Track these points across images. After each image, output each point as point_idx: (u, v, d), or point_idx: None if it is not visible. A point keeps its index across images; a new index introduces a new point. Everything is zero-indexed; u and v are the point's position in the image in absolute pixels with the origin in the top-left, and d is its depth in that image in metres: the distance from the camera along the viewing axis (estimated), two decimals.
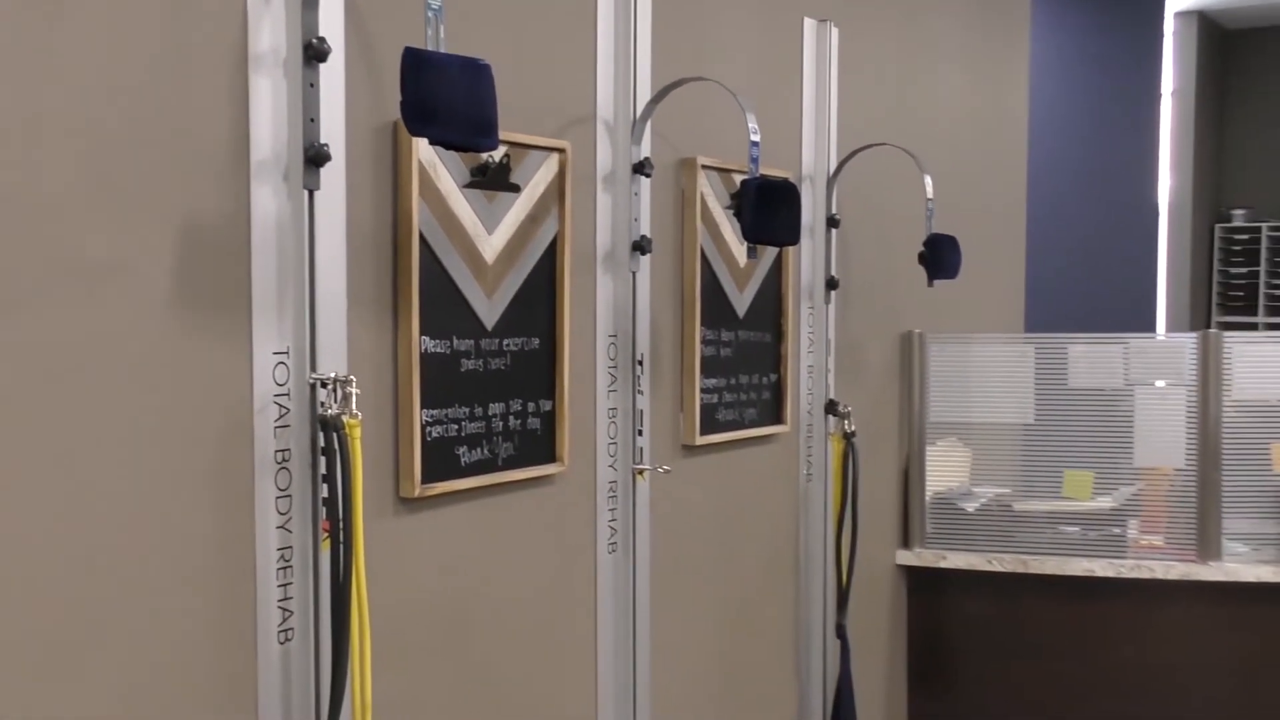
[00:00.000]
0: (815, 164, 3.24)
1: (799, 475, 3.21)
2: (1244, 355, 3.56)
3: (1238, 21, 7.86)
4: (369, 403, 1.91)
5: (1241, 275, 7.79)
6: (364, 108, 1.90)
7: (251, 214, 1.71)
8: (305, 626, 1.80)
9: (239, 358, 1.71)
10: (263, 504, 1.74)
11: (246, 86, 1.69)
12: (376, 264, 1.96)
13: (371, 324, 1.95)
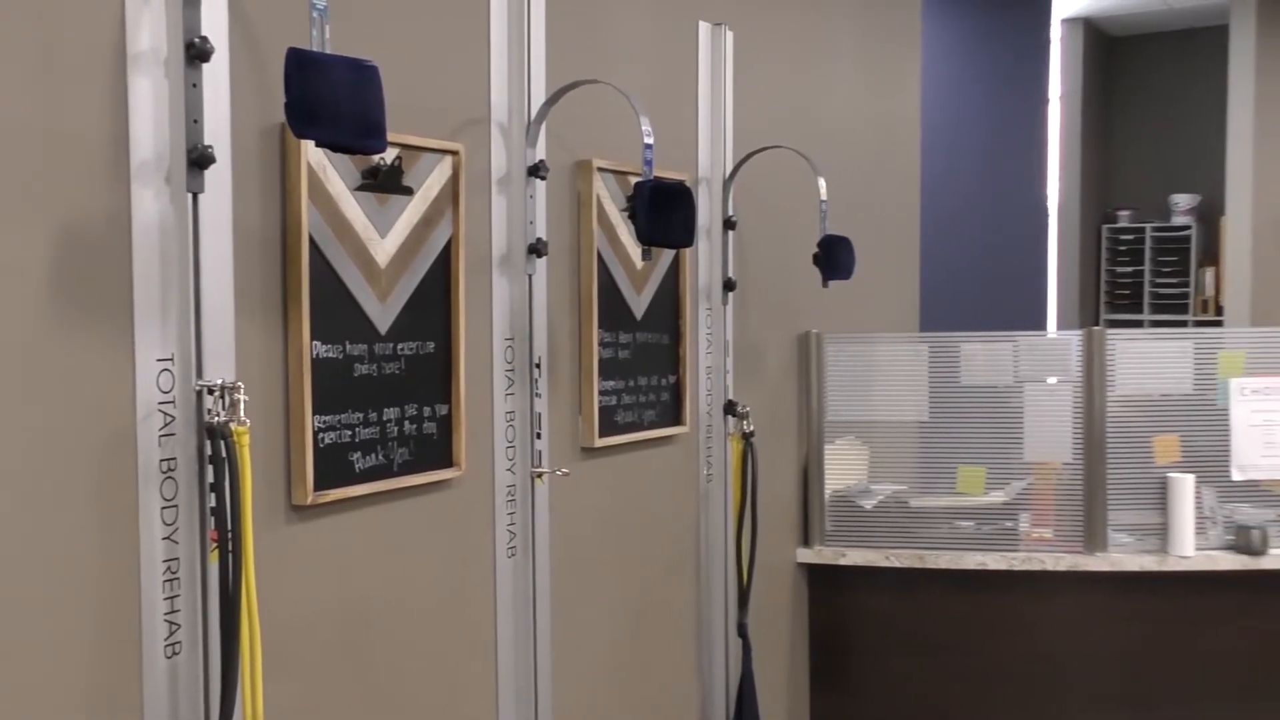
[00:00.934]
0: (712, 166, 3.26)
1: (699, 476, 3.23)
2: (1126, 351, 3.68)
3: (1122, 28, 8.12)
4: (258, 409, 1.88)
5: (1127, 274, 8.04)
6: (250, 109, 1.87)
7: (133, 217, 1.67)
8: (193, 639, 1.76)
9: (121, 365, 1.67)
10: (147, 515, 1.70)
11: (125, 86, 1.65)
12: (265, 268, 1.93)
13: (261, 329, 1.92)
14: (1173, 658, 3.67)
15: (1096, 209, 8.17)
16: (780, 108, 3.61)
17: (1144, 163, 8.22)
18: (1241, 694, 3.69)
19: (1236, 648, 3.68)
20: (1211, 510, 3.69)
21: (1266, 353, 3.82)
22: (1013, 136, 6.72)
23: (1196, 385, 3.70)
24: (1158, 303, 7.92)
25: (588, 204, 2.74)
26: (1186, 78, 8.02)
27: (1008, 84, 6.61)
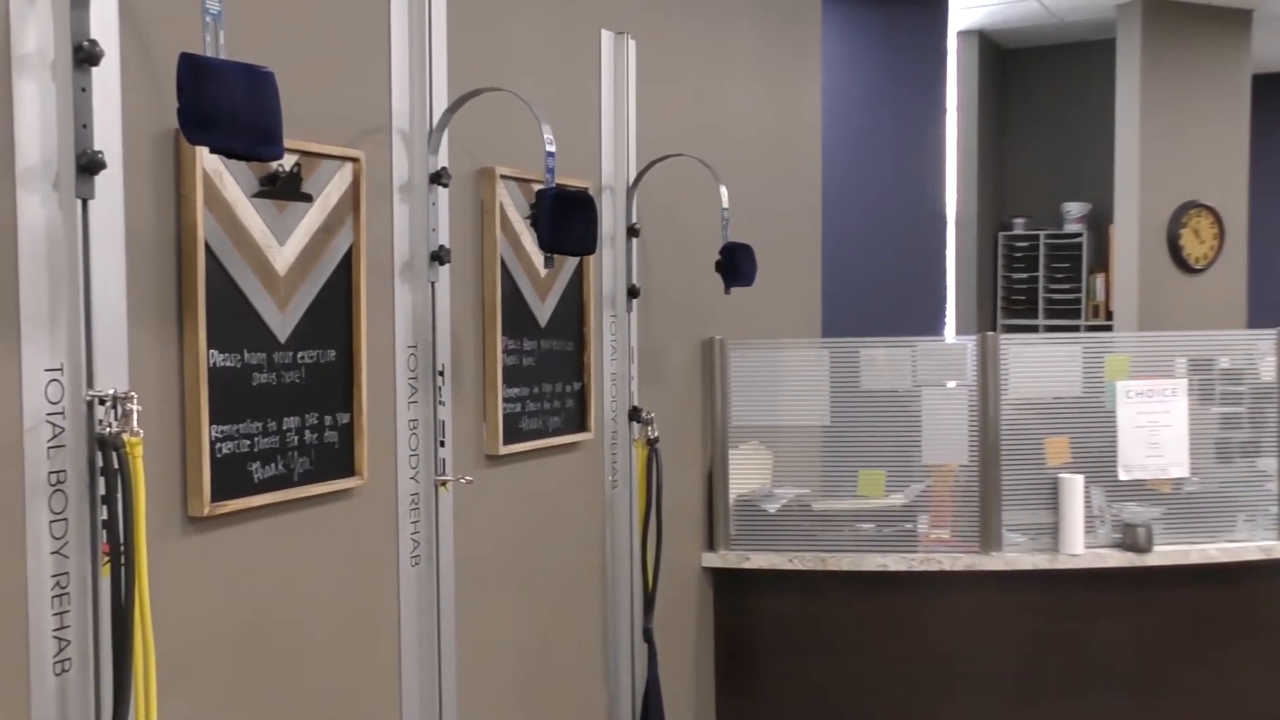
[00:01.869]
0: (615, 174, 3.28)
1: (604, 482, 3.24)
2: (1019, 356, 3.79)
3: (1015, 41, 8.34)
4: (153, 419, 1.84)
5: (1023, 280, 8.25)
6: (143, 114, 1.84)
7: (18, 224, 1.63)
8: (84, 656, 1.72)
9: (7, 375, 1.63)
10: (35, 529, 1.66)
11: (10, 90, 1.61)
12: (159, 276, 1.89)
13: (155, 338, 1.88)
14: (1064, 653, 3.78)
15: (993, 217, 8.37)
16: (683, 116, 3.65)
17: (1038, 172, 8.45)
18: (1128, 687, 3.81)
19: (1123, 642, 3.81)
20: (1100, 509, 3.81)
21: (1150, 356, 3.97)
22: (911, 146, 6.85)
23: (1085, 388, 3.82)
24: (1052, 308, 8.14)
25: (491, 211, 2.74)
26: (1077, 90, 8.27)
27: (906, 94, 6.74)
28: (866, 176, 6.22)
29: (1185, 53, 7.21)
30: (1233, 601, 3.87)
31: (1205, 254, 7.31)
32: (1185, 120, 7.23)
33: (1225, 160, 7.37)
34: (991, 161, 8.34)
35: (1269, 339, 3.96)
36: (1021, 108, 8.50)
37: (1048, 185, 8.37)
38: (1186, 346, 4.03)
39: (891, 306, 6.50)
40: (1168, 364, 3.94)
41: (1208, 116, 7.28)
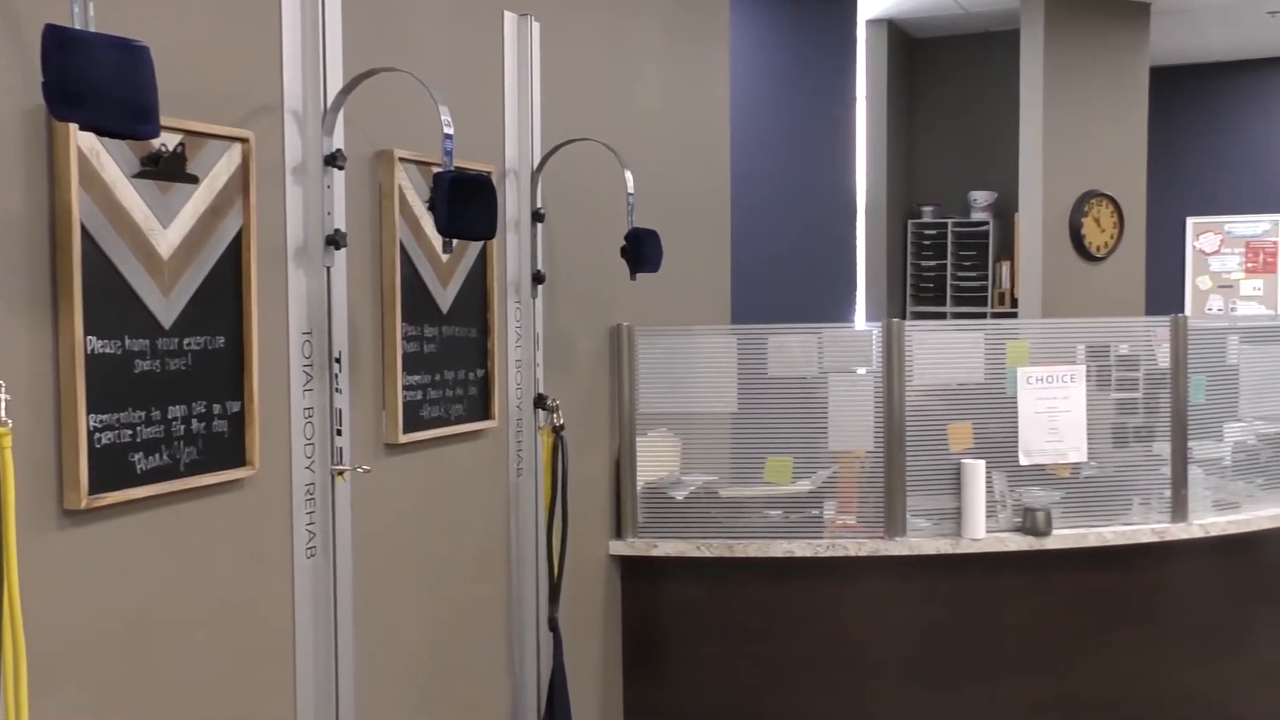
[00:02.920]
0: (519, 158, 3.23)
1: (509, 470, 3.20)
2: (924, 343, 3.82)
3: (923, 30, 8.44)
4: (24, 409, 1.77)
5: (931, 268, 8.36)
6: (10, 90, 1.75)
7: None
8: None
9: None
10: None
11: None
12: (30, 259, 1.81)
13: (27, 324, 1.80)
14: (966, 636, 3.84)
15: (902, 205, 8.47)
16: (589, 101, 3.61)
17: (946, 161, 8.57)
18: (1029, 668, 3.88)
19: (1024, 625, 3.87)
20: (1001, 494, 3.87)
21: (1050, 342, 4.03)
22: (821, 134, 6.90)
23: (988, 374, 3.86)
24: (959, 295, 8.27)
25: (389, 195, 2.68)
26: (983, 80, 8.39)
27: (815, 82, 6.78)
28: (776, 164, 6.24)
29: (1087, 45, 7.36)
30: (1128, 583, 3.96)
31: (1106, 242, 7.47)
32: (1087, 111, 7.38)
33: (1125, 150, 7.54)
34: (900, 150, 8.43)
35: (1164, 326, 4.04)
36: (929, 97, 8.61)
37: (955, 174, 8.49)
38: (1085, 333, 4.10)
39: (802, 294, 6.54)
40: (1067, 351, 4.01)
41: (1108, 107, 7.44)
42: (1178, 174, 9.66)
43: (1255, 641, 4.19)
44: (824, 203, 6.90)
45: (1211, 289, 9.66)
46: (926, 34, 8.49)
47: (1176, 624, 4.03)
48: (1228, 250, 9.62)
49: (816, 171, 6.79)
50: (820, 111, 6.82)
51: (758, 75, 6.04)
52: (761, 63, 6.11)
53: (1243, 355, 4.23)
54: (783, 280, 6.26)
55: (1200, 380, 4.05)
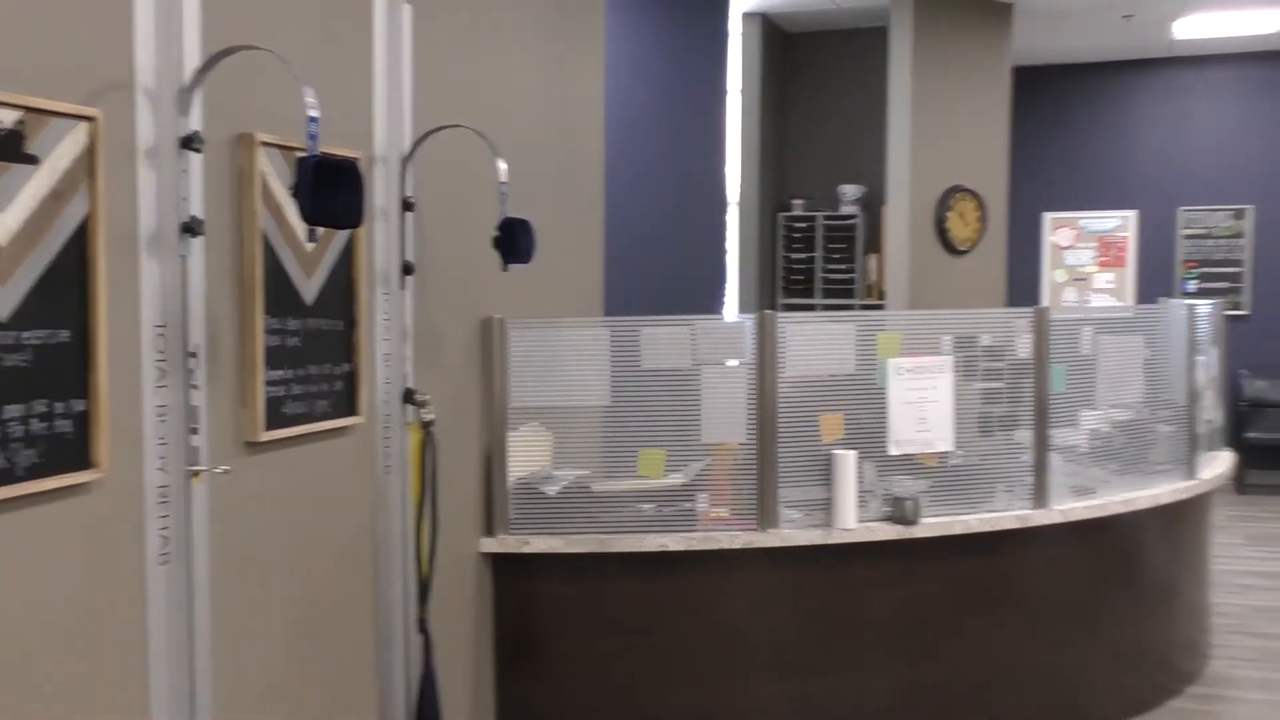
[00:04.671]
0: (389, 144, 3.13)
1: (376, 467, 3.10)
2: (795, 335, 3.84)
3: (796, 25, 8.52)
4: None
5: (801, 260, 8.46)
6: None
7: None
8: None
9: None
10: None
11: None
12: None
13: None
14: (839, 625, 3.88)
15: (773, 198, 8.55)
16: (461, 87, 3.52)
17: (816, 154, 8.68)
18: (899, 655, 3.94)
19: (894, 612, 3.93)
20: (871, 484, 3.92)
21: (919, 334, 4.09)
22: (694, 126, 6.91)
23: (858, 366, 3.91)
24: (829, 287, 8.39)
25: (250, 181, 2.56)
26: (853, 75, 8.53)
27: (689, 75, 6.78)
28: (649, 156, 6.22)
29: (953, 44, 7.52)
30: (992, 568, 4.05)
31: (969, 236, 7.66)
32: (952, 108, 7.55)
33: (988, 147, 7.74)
34: (772, 143, 8.51)
35: (1026, 317, 4.15)
36: (801, 91, 8.70)
37: (825, 168, 8.61)
38: (952, 325, 4.17)
39: (674, 286, 6.54)
40: (935, 342, 4.08)
41: (973, 105, 7.62)
42: (1036, 171, 9.97)
43: (1108, 621, 4.33)
44: (697, 195, 6.91)
45: (1067, 282, 10.00)
46: (799, 29, 8.58)
47: (1037, 607, 4.14)
48: (1082, 245, 9.97)
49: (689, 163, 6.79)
50: (693, 104, 6.82)
51: (631, 66, 6.00)
52: (635, 54, 6.08)
53: (1098, 346, 4.37)
54: (655, 272, 6.25)
55: (1060, 370, 4.16)
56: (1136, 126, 9.82)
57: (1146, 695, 4.53)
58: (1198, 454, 4.74)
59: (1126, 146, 9.84)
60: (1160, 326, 4.65)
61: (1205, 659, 5.05)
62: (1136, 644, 4.46)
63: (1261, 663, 5.14)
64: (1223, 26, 8.57)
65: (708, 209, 7.12)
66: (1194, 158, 9.69)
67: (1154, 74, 9.73)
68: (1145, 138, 9.80)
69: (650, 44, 6.29)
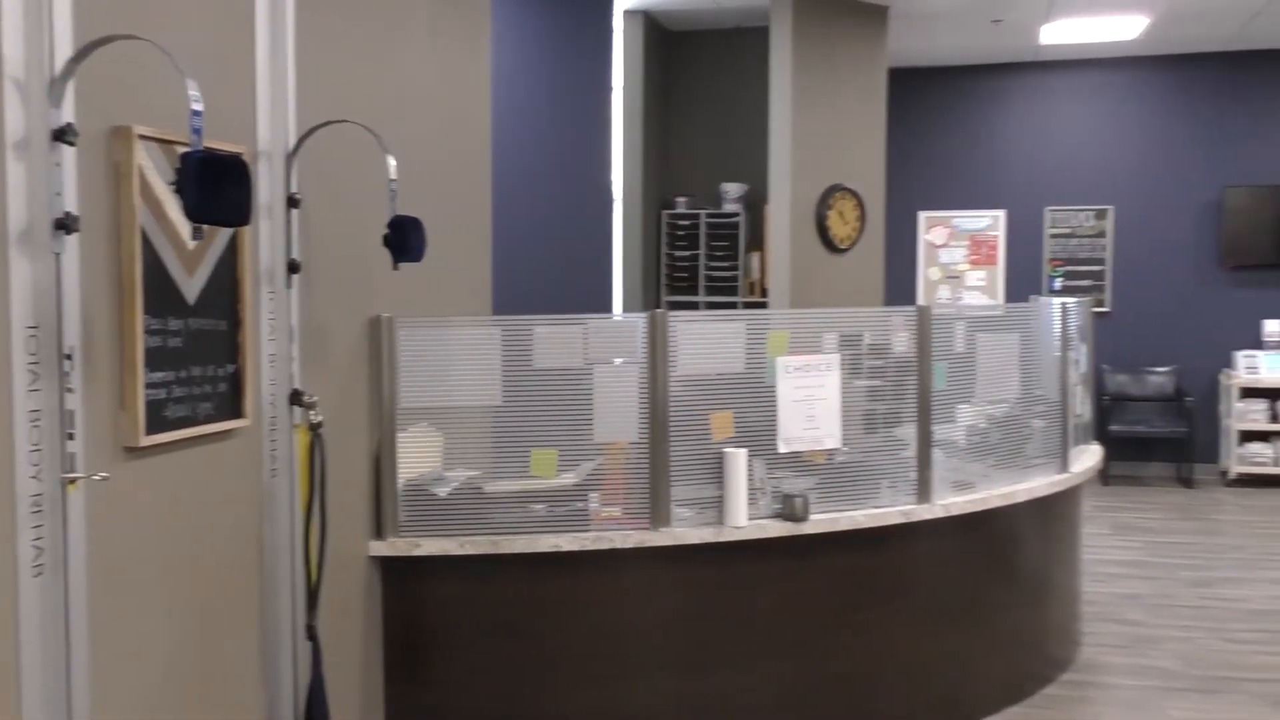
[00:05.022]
0: (272, 139, 3.04)
1: (262, 471, 3.01)
2: (687, 333, 3.85)
3: (678, 23, 8.56)
4: None
5: (685, 258, 8.51)
6: None
7: None
8: None
9: None
10: None
11: None
12: None
13: None
14: (729, 623, 3.90)
15: (657, 195, 8.58)
16: (347, 82, 3.44)
17: (699, 152, 8.74)
18: (787, 651, 3.99)
19: (783, 609, 3.97)
20: (761, 482, 3.95)
21: (807, 332, 4.14)
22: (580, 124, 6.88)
23: (748, 364, 3.94)
24: (712, 285, 8.46)
25: (128, 175, 2.45)
26: (735, 74, 8.60)
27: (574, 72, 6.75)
28: (535, 154, 6.18)
29: (832, 44, 7.65)
30: (878, 563, 4.13)
31: (849, 235, 7.80)
32: (832, 108, 7.67)
33: (866, 147, 7.89)
34: (656, 141, 8.54)
35: (910, 316, 4.23)
36: (684, 89, 8.75)
37: (708, 166, 8.67)
38: (838, 323, 4.24)
39: (561, 283, 6.52)
40: (822, 340, 4.13)
41: (851, 105, 7.76)
42: (912, 170, 10.22)
43: (988, 613, 4.46)
44: (582, 193, 6.89)
45: (941, 279, 10.27)
46: (681, 27, 8.62)
47: (920, 600, 4.23)
48: (955, 243, 10.24)
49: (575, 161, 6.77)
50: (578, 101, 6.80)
51: (517, 64, 5.95)
52: (520, 51, 6.03)
53: (975, 343, 4.48)
54: (540, 270, 6.22)
55: (942, 367, 4.26)
56: (1005, 128, 10.13)
57: (1023, 684, 4.68)
58: (1070, 448, 4.90)
59: (996, 147, 10.14)
60: (1034, 324, 4.79)
61: (1077, 646, 5.23)
62: (1014, 634, 4.59)
63: (1128, 649, 5.34)
64: (1086, 32, 8.90)
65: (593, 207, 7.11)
66: (1059, 159, 10.04)
67: (1022, 77, 10.05)
68: (1013, 139, 10.11)
69: (535, 41, 6.25)
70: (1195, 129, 9.78)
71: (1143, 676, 4.97)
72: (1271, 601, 6.12)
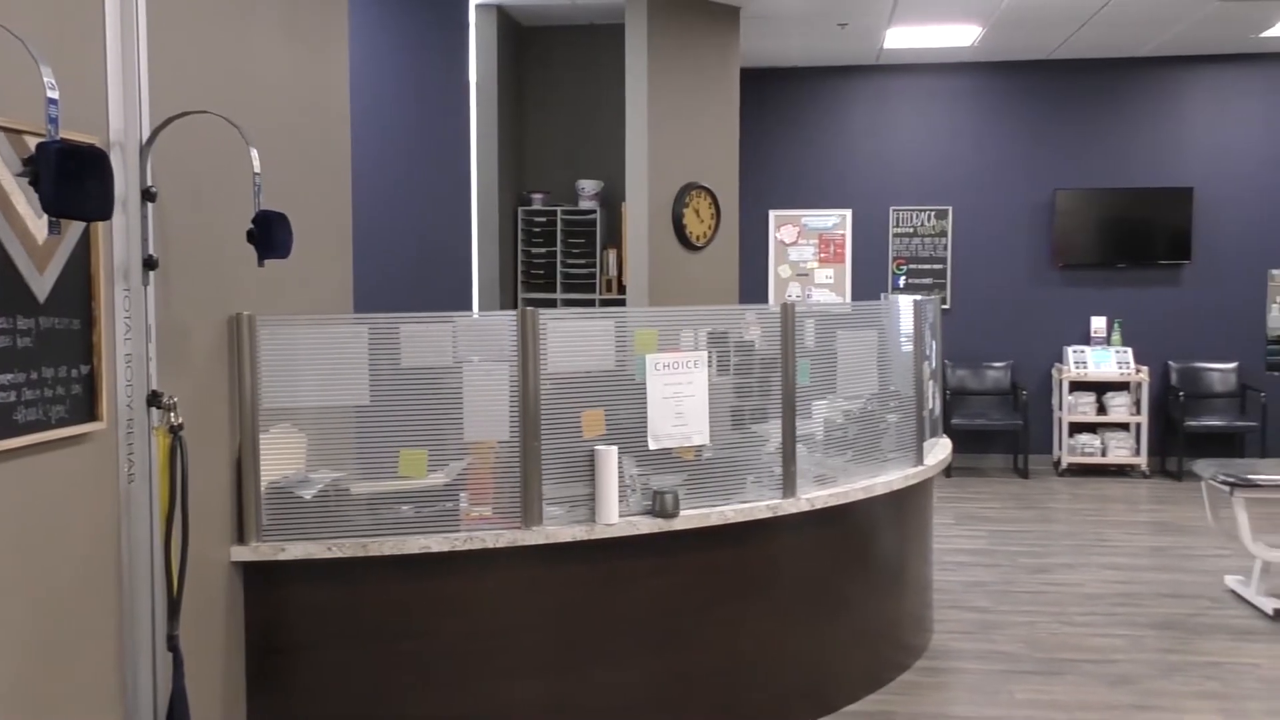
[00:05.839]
0: (126, 130, 2.90)
1: (120, 476, 2.87)
2: (557, 330, 3.83)
3: (532, 19, 8.50)
4: None
5: (541, 255, 8.47)
6: None
7: None
8: None
9: None
10: None
11: None
12: None
13: None
14: (600, 620, 3.90)
15: (513, 192, 8.52)
16: (203, 71, 3.30)
17: (555, 149, 8.70)
18: (656, 647, 4.01)
19: (653, 605, 3.99)
20: (631, 479, 3.96)
21: (675, 330, 4.17)
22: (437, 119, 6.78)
23: (618, 361, 3.94)
24: (569, 282, 8.43)
25: None
26: (591, 71, 8.60)
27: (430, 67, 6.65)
28: (395, 148, 6.07)
29: (686, 43, 7.71)
30: (746, 557, 4.19)
31: (704, 232, 7.88)
32: (687, 106, 7.74)
33: (720, 145, 7.99)
34: (511, 137, 8.47)
35: (773, 314, 4.30)
36: (539, 85, 8.70)
37: (565, 163, 8.64)
38: (706, 320, 4.28)
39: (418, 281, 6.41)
40: (689, 338, 4.16)
41: (706, 104, 7.85)
42: (763, 169, 10.40)
43: (849, 604, 4.57)
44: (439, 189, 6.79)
45: (791, 277, 10.48)
46: (535, 22, 8.57)
47: (786, 593, 4.31)
48: (804, 241, 10.46)
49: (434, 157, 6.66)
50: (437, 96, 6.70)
51: (372, 59, 5.83)
52: (376, 46, 5.91)
53: (836, 340, 4.58)
54: (399, 267, 6.10)
55: (805, 364, 4.34)
56: (851, 129, 10.40)
57: (882, 672, 4.81)
58: (924, 441, 5.06)
59: (843, 147, 10.40)
60: (888, 321, 4.93)
61: (929, 634, 5.40)
62: (873, 623, 4.72)
63: (976, 634, 5.55)
64: (926, 38, 9.20)
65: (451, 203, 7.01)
66: (902, 160, 10.36)
67: (867, 80, 10.33)
68: (859, 140, 10.39)
69: (390, 36, 6.13)
70: (1027, 133, 10.22)
71: (990, 661, 5.17)
72: (1103, 585, 6.44)
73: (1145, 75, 10.06)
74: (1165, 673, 5.01)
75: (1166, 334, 10.13)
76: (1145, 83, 10.07)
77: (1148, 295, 10.14)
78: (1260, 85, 9.97)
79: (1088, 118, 10.13)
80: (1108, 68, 10.08)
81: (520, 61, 8.65)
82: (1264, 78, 9.96)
